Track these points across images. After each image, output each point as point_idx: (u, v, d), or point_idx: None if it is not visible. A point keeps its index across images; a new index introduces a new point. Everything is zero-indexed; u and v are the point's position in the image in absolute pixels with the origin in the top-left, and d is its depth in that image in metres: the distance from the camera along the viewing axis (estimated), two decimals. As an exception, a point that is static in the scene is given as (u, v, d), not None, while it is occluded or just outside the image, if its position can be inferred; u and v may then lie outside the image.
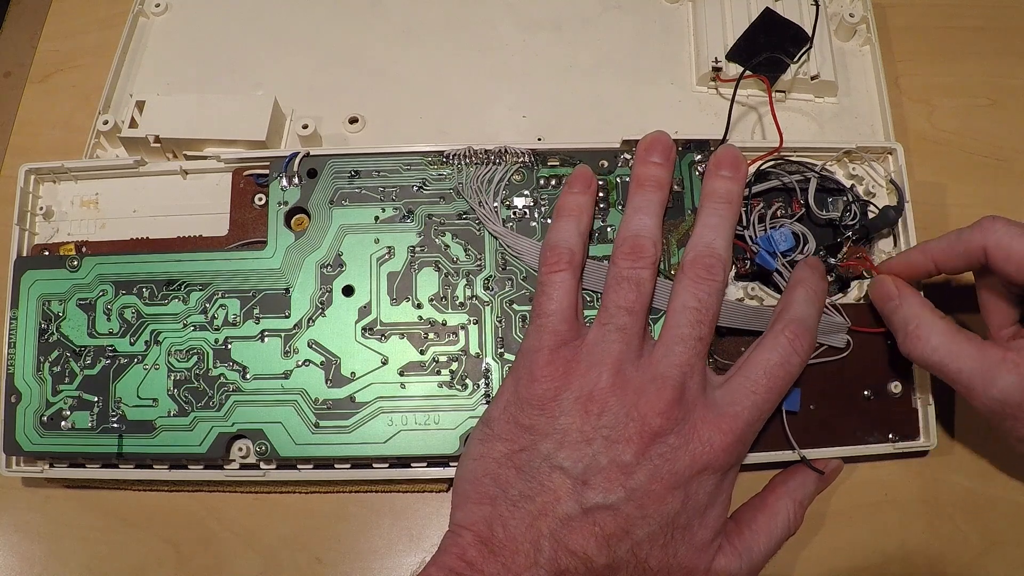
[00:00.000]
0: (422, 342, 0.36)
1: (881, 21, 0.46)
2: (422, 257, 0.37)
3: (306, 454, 0.35)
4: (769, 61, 0.42)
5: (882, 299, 0.35)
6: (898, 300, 0.34)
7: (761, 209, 0.37)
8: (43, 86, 0.48)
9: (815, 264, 0.35)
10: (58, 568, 0.37)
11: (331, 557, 0.37)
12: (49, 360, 0.37)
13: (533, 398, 0.31)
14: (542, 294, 0.33)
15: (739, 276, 0.37)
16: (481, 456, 0.31)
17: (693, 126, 0.43)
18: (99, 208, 0.40)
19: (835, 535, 0.37)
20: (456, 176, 0.38)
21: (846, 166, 0.39)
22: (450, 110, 0.44)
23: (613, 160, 0.38)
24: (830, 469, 0.35)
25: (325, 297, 0.37)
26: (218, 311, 0.37)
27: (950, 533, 0.36)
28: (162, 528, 0.38)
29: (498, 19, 0.47)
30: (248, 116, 0.41)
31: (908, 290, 0.34)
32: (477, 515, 0.30)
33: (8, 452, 0.36)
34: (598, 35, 0.46)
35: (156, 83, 0.46)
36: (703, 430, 0.30)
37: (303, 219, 0.38)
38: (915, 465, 0.38)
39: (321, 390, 0.36)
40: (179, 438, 0.35)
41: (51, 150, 0.45)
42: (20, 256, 0.38)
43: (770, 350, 0.32)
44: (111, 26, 0.48)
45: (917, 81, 0.46)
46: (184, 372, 0.36)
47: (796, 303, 0.33)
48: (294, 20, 0.47)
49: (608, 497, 0.29)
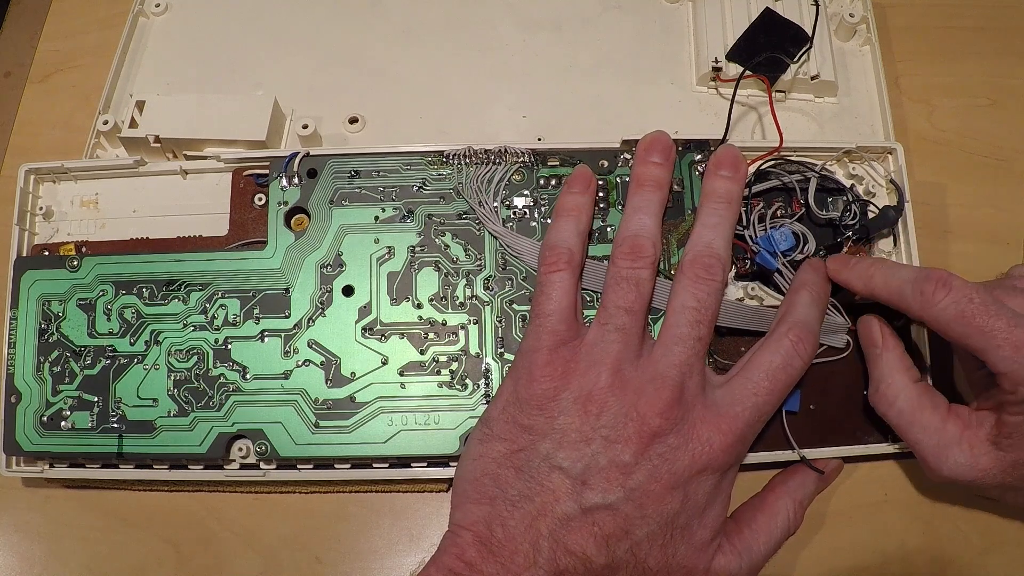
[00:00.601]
0: (422, 342, 0.36)
1: (881, 21, 0.46)
2: (422, 257, 0.37)
3: (306, 454, 0.35)
4: (769, 61, 0.42)
5: (866, 343, 0.35)
6: (879, 350, 0.34)
7: (761, 209, 0.37)
8: (43, 86, 0.48)
9: (818, 266, 0.35)
10: (58, 568, 0.37)
11: (331, 557, 0.37)
12: (49, 360, 0.37)
13: (532, 398, 0.31)
14: (541, 294, 0.33)
15: (739, 276, 0.37)
16: (480, 456, 0.31)
17: (693, 126, 0.43)
18: (99, 208, 0.40)
19: (835, 535, 0.37)
20: (456, 176, 0.38)
21: (846, 166, 0.39)
22: (450, 110, 0.44)
23: (613, 160, 0.38)
24: (830, 469, 0.35)
25: (325, 297, 0.37)
26: (218, 311, 0.37)
27: (950, 533, 0.36)
28: (162, 528, 0.38)
29: (498, 19, 0.47)
30: (248, 116, 0.41)
31: (892, 341, 0.34)
32: (476, 515, 0.30)
33: (8, 452, 0.36)
34: (598, 35, 0.46)
35: (156, 83, 0.46)
36: (702, 430, 0.30)
37: (303, 219, 0.38)
38: (915, 465, 0.37)
39: (321, 390, 0.36)
40: (179, 438, 0.35)
41: (51, 150, 0.45)
42: (20, 256, 0.38)
43: (773, 352, 0.32)
44: (111, 26, 0.48)
45: (917, 81, 0.46)
46: (184, 372, 0.36)
47: (800, 305, 0.33)
48: (294, 20, 0.47)
49: (607, 497, 0.29)
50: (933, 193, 0.42)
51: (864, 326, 0.35)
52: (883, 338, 0.34)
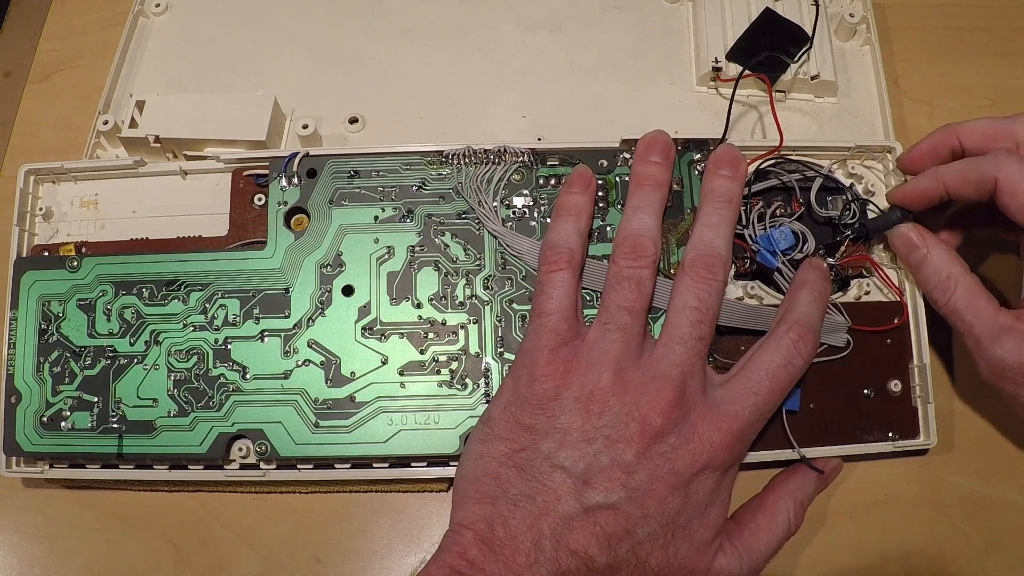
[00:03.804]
0: (422, 342, 0.36)
1: (881, 21, 0.46)
2: (422, 257, 0.37)
3: (306, 454, 0.35)
4: (769, 61, 0.42)
5: (907, 248, 0.35)
6: (925, 249, 0.34)
7: (761, 208, 0.37)
8: (43, 86, 0.48)
9: (819, 266, 0.35)
10: (58, 568, 0.37)
11: (331, 557, 0.37)
12: (49, 360, 0.37)
13: (533, 397, 0.31)
14: (541, 293, 0.33)
15: (739, 275, 0.37)
16: (481, 456, 0.31)
17: (693, 126, 0.43)
18: (99, 208, 0.40)
19: (835, 535, 0.37)
20: (455, 176, 0.38)
21: (845, 165, 0.39)
22: (450, 110, 0.44)
23: (612, 160, 0.38)
24: (830, 468, 0.35)
25: (325, 297, 0.37)
26: (218, 311, 0.37)
27: (950, 533, 0.36)
28: (162, 528, 0.38)
29: (498, 19, 0.47)
30: (248, 116, 0.41)
31: (934, 239, 0.35)
32: (478, 514, 0.30)
33: (8, 453, 0.36)
34: (598, 35, 0.46)
35: (156, 83, 0.46)
36: (702, 429, 0.30)
37: (303, 219, 0.38)
38: (915, 465, 0.38)
39: (321, 390, 0.36)
40: (179, 438, 0.35)
41: (51, 150, 0.45)
42: (20, 257, 0.38)
43: (773, 351, 0.32)
44: (111, 26, 0.48)
45: (917, 81, 0.46)
46: (184, 372, 0.36)
47: (800, 304, 0.33)
48: (294, 20, 0.47)
49: (609, 497, 0.29)
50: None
51: (900, 236, 0.35)
52: (924, 238, 0.34)
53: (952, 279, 0.33)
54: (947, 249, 0.34)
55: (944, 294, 0.34)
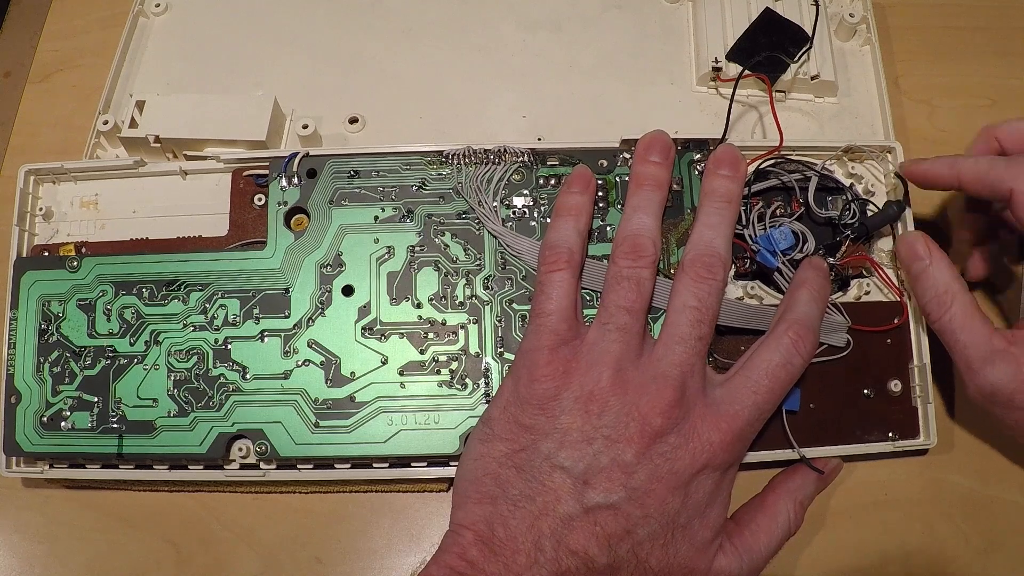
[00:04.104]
0: (422, 342, 0.36)
1: (881, 21, 0.46)
2: (422, 257, 0.37)
3: (306, 454, 0.35)
4: (769, 61, 0.42)
5: (911, 257, 0.34)
6: (928, 261, 0.34)
7: (760, 208, 0.37)
8: (43, 86, 0.48)
9: (819, 265, 0.35)
10: (58, 568, 0.37)
11: (331, 557, 0.37)
12: (49, 361, 0.37)
13: (533, 397, 0.31)
14: (541, 293, 0.33)
15: (739, 275, 0.37)
16: (481, 456, 0.31)
17: (693, 126, 0.43)
18: (99, 209, 0.40)
19: (835, 535, 0.37)
20: (455, 176, 0.38)
21: (845, 165, 0.39)
22: (450, 110, 0.44)
23: (612, 160, 0.38)
24: (830, 468, 0.35)
25: (325, 297, 0.37)
26: (218, 311, 0.37)
27: (950, 533, 0.36)
28: (162, 528, 0.38)
29: (498, 19, 0.47)
30: (248, 116, 0.41)
31: (939, 253, 0.34)
32: (478, 514, 0.30)
33: (8, 453, 0.36)
34: (598, 35, 0.46)
35: (156, 83, 0.46)
36: (702, 429, 0.30)
37: (303, 219, 0.38)
38: (915, 465, 0.38)
39: (321, 390, 0.36)
40: (179, 438, 0.35)
41: (51, 150, 0.45)
42: (20, 257, 0.38)
43: (772, 351, 0.32)
44: (111, 26, 0.48)
45: (917, 81, 0.46)
46: (184, 372, 0.36)
47: (799, 304, 0.33)
48: (294, 20, 0.47)
49: (609, 497, 0.29)
50: (933, 193, 0.42)
51: (906, 243, 0.35)
52: (930, 250, 0.34)
53: (950, 295, 0.33)
54: (950, 265, 0.34)
55: (939, 308, 0.33)
